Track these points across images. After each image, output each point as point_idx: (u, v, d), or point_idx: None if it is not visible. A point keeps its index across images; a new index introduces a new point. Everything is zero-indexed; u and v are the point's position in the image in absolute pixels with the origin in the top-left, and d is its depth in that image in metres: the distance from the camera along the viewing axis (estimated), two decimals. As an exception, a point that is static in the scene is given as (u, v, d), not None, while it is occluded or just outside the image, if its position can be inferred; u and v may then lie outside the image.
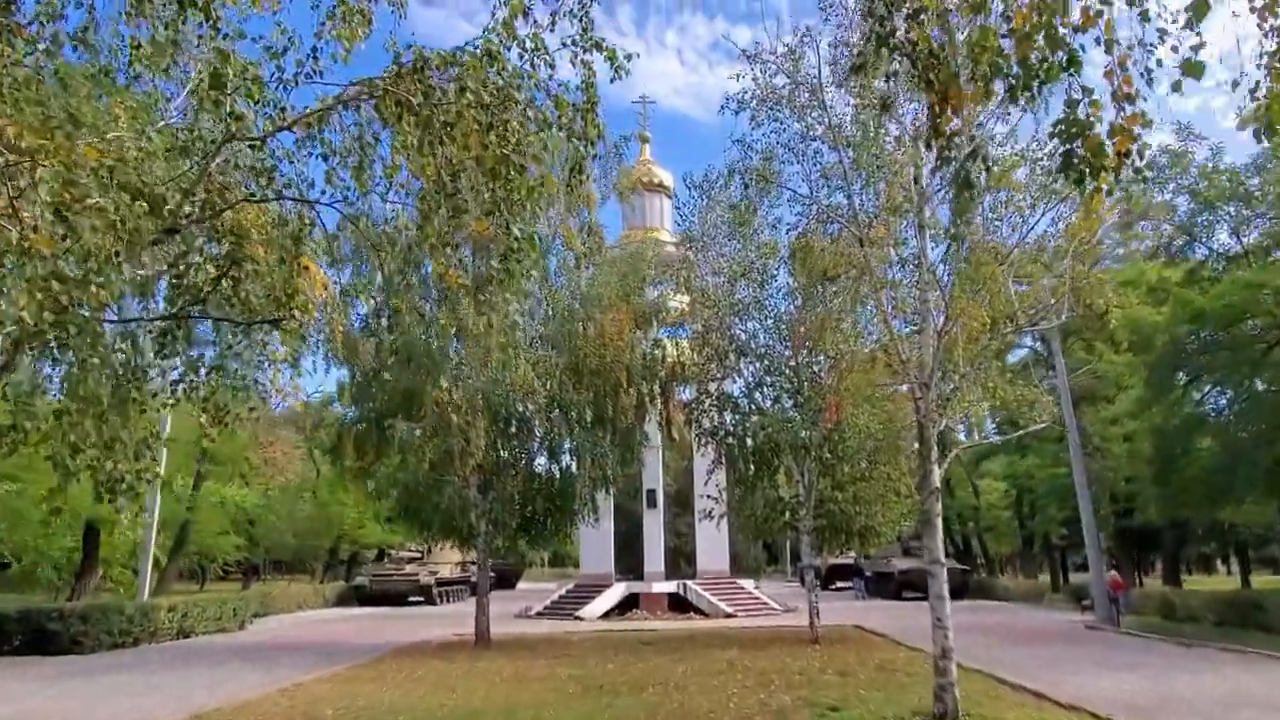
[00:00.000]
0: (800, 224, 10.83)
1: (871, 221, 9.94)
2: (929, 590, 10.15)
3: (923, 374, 9.63)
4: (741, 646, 18.34)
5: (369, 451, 19.96)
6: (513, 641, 19.91)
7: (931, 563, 10.02)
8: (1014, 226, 9.51)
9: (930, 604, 10.06)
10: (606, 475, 19.71)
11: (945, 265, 9.88)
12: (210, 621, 24.03)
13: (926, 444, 9.74)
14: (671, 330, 22.69)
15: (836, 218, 10.47)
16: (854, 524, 18.98)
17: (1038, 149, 9.30)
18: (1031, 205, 9.31)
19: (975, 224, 9.65)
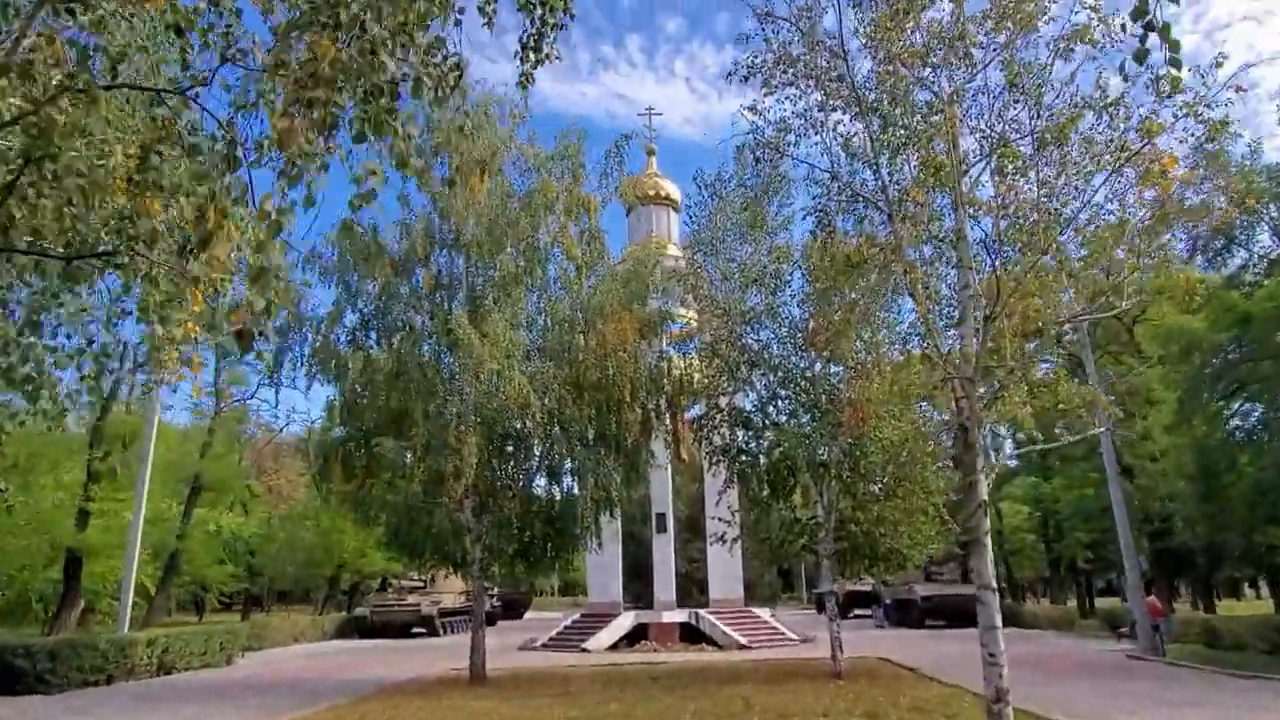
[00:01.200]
0: (820, 203, 9.55)
1: (903, 197, 8.68)
2: (979, 620, 8.76)
3: (967, 367, 8.31)
4: (758, 682, 16.85)
5: (358, 473, 18.70)
6: (510, 677, 18.46)
7: (981, 588, 8.63)
8: (1076, 188, 8.20)
9: (980, 637, 8.67)
10: (610, 497, 18.37)
11: (991, 245, 8.59)
12: (194, 657, 22.68)
13: (972, 450, 8.40)
14: (679, 347, 21.37)
15: (862, 193, 9.22)
16: (878, 547, 17.52)
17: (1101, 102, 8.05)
18: (1094, 162, 8.03)
19: (1027, 190, 8.38)
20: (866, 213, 9.40)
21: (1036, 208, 8.17)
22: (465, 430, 15.79)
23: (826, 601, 17.97)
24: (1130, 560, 21.77)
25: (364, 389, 17.96)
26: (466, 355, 16.03)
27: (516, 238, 18.72)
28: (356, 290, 18.35)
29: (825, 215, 9.62)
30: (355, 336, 18.50)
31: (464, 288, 18.75)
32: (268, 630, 32.52)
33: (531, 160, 19.81)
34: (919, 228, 8.80)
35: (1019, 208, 8.51)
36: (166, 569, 31.52)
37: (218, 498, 36.14)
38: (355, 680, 19.19)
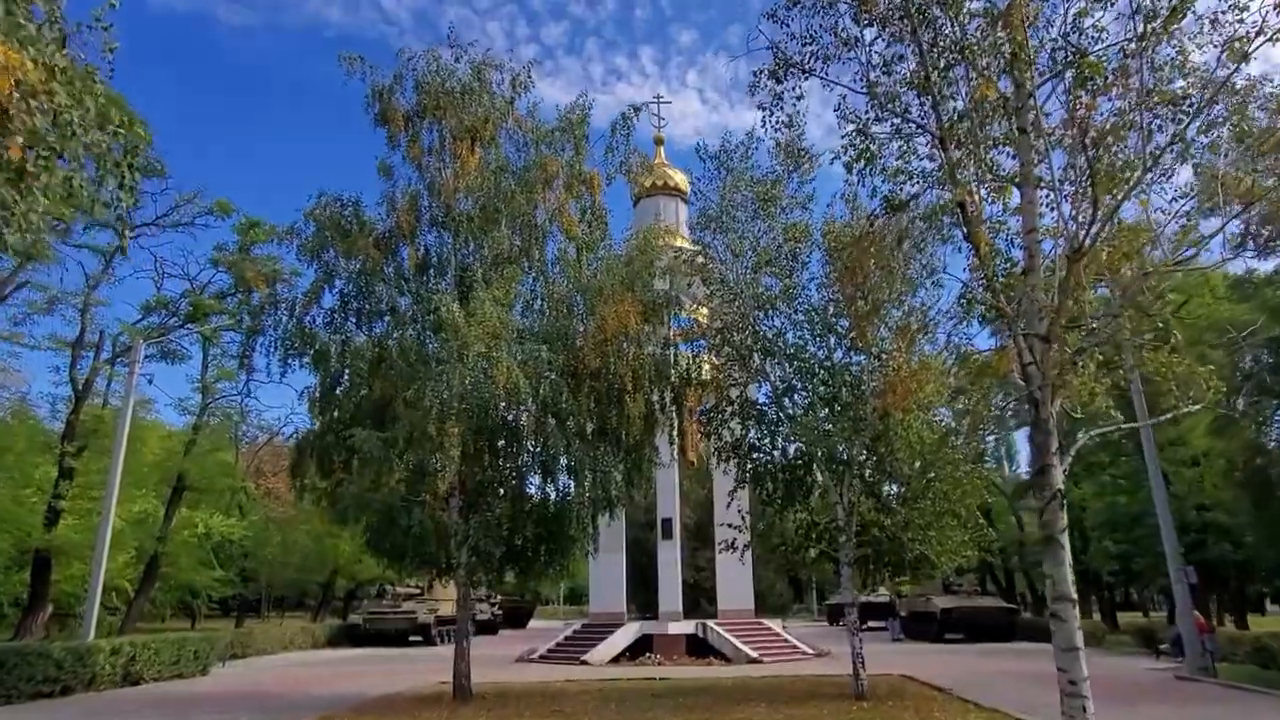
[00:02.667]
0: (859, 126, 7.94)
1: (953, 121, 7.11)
2: (1054, 639, 7.14)
3: (1038, 324, 6.70)
4: (771, 702, 15.18)
5: (334, 468, 17.16)
6: (498, 694, 16.82)
7: (1057, 599, 6.99)
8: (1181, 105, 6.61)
9: (1056, 660, 7.02)
10: (610, 497, 16.70)
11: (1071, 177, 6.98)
12: (164, 666, 21.11)
13: (1043, 429, 6.80)
14: (687, 345, 19.69)
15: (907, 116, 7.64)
16: (904, 554, 15.84)
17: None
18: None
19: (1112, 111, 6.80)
20: (911, 144, 7.82)
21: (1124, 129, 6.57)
22: (448, 419, 14.19)
23: (847, 613, 16.28)
24: (1176, 571, 19.96)
25: (341, 376, 16.44)
26: (451, 335, 14.47)
27: (512, 215, 17.19)
28: (333, 268, 16.81)
29: (863, 139, 7.99)
30: (334, 319, 16.96)
31: (453, 268, 17.21)
32: (255, 638, 30.99)
33: (530, 135, 18.31)
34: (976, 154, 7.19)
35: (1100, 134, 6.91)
36: (146, 572, 29.98)
37: (205, 499, 34.61)
38: (331, 695, 17.60)
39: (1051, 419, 6.92)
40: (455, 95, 16.77)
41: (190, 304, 28.84)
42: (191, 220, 27.77)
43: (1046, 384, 6.83)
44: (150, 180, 25.68)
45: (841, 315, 16.53)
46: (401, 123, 17.09)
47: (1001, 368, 7.21)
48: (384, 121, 17.11)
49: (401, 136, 17.17)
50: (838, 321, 16.65)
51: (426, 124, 17.10)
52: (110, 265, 27.26)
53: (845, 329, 16.70)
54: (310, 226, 16.73)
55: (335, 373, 16.56)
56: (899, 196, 7.88)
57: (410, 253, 16.83)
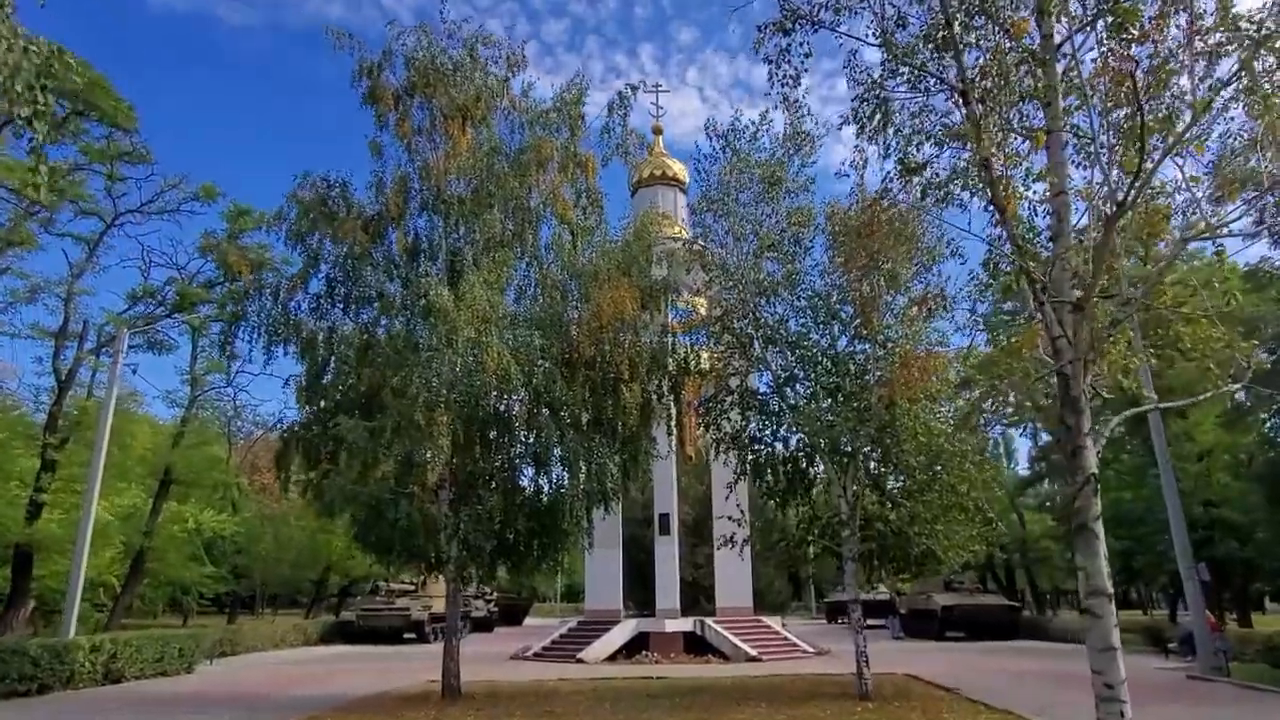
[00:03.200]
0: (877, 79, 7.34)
1: (975, 75, 6.52)
2: (1089, 639, 6.55)
3: (1068, 291, 6.13)
4: (772, 702, 14.61)
5: (321, 460, 16.57)
6: (488, 693, 16.24)
7: (1092, 594, 6.41)
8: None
9: (1091, 662, 6.43)
10: (606, 490, 16.14)
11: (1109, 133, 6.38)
12: (147, 663, 20.52)
13: (1075, 408, 6.22)
14: (686, 337, 19.05)
15: (926, 70, 7.04)
16: (910, 549, 15.26)
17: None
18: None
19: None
20: (928, 103, 7.23)
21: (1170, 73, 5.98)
22: (436, 408, 13.60)
23: (851, 611, 15.70)
24: (1188, 569, 19.40)
25: (328, 364, 15.86)
26: (439, 321, 13.89)
27: (504, 198, 16.60)
28: (319, 252, 16.19)
29: (877, 91, 7.38)
30: (319, 305, 16.36)
31: (444, 253, 16.60)
32: (244, 635, 30.41)
33: (524, 115, 17.72)
34: (999, 111, 6.60)
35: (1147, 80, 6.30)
36: (132, 568, 29.35)
37: (194, 493, 33.99)
38: (318, 694, 17.02)
39: (1083, 397, 6.34)
40: (446, 72, 16.17)
41: (177, 293, 28.23)
42: (177, 207, 27.17)
43: (1078, 358, 6.26)
44: (136, 168, 25.06)
45: (846, 301, 15.95)
46: (391, 101, 16.51)
47: (1028, 344, 6.66)
48: (372, 100, 16.52)
49: (390, 115, 16.58)
50: (841, 308, 16.08)
51: (416, 102, 16.52)
52: (94, 253, 26.69)
53: (849, 315, 16.13)
54: (294, 209, 16.10)
55: (321, 361, 15.97)
56: (915, 159, 7.31)
57: (399, 236, 16.23)
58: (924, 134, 7.32)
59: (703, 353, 17.93)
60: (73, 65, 6.33)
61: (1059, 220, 6.74)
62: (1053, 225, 6.82)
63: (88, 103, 22.66)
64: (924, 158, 7.30)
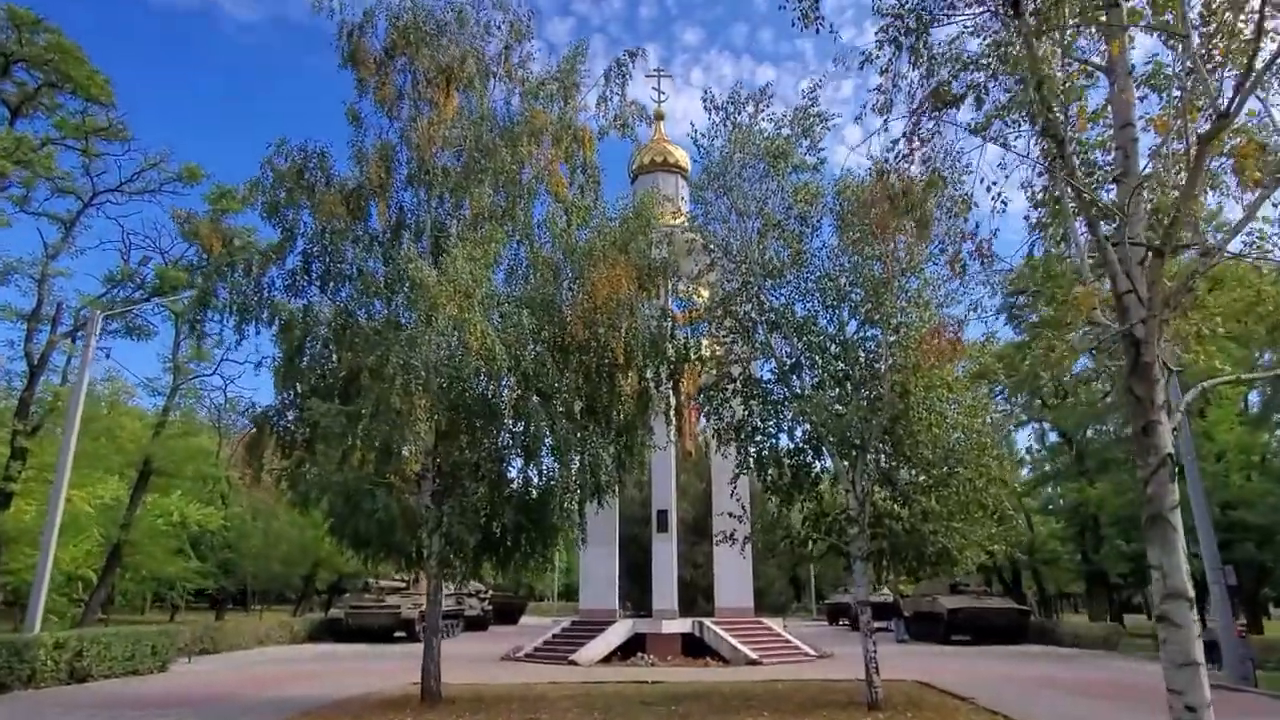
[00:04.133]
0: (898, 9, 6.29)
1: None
2: (1164, 650, 5.55)
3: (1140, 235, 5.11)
4: (775, 710, 13.60)
5: (296, 447, 15.55)
6: (472, 697, 15.22)
7: (1170, 597, 5.39)
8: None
9: (1167, 679, 5.43)
10: (600, 482, 15.11)
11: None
12: (117, 662, 19.52)
13: (1146, 376, 5.22)
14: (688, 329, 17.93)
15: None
16: (925, 547, 14.22)
17: None
18: None
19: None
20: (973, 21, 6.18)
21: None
22: (415, 391, 12.58)
23: (860, 613, 14.68)
24: (1214, 572, 18.36)
25: (304, 346, 14.84)
26: (420, 297, 12.87)
27: (495, 171, 15.58)
28: (294, 226, 15.15)
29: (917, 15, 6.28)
30: (295, 282, 15.32)
31: (429, 228, 15.58)
32: (227, 632, 29.42)
33: (519, 85, 16.72)
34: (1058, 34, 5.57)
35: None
36: (109, 561, 28.32)
37: (178, 485, 32.98)
38: (290, 696, 16.01)
39: (1157, 363, 5.34)
40: (430, 32, 15.14)
41: (157, 276, 27.18)
42: (159, 187, 26.12)
43: (1153, 315, 5.26)
44: (113, 145, 24.00)
45: (856, 284, 14.92)
46: (372, 66, 15.50)
47: (1086, 305, 5.68)
48: (353, 63, 15.50)
49: (372, 80, 15.54)
50: (851, 291, 15.05)
51: (398, 64, 15.47)
52: (71, 233, 25.62)
53: (859, 299, 15.10)
54: (269, 176, 15.06)
55: (296, 342, 14.94)
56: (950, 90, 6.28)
57: (380, 209, 15.20)
58: (960, 62, 6.31)
59: (703, 340, 16.91)
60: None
61: (1125, 157, 5.74)
62: (1117, 162, 5.82)
63: (60, 73, 21.66)
64: (962, 88, 6.30)
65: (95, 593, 28.72)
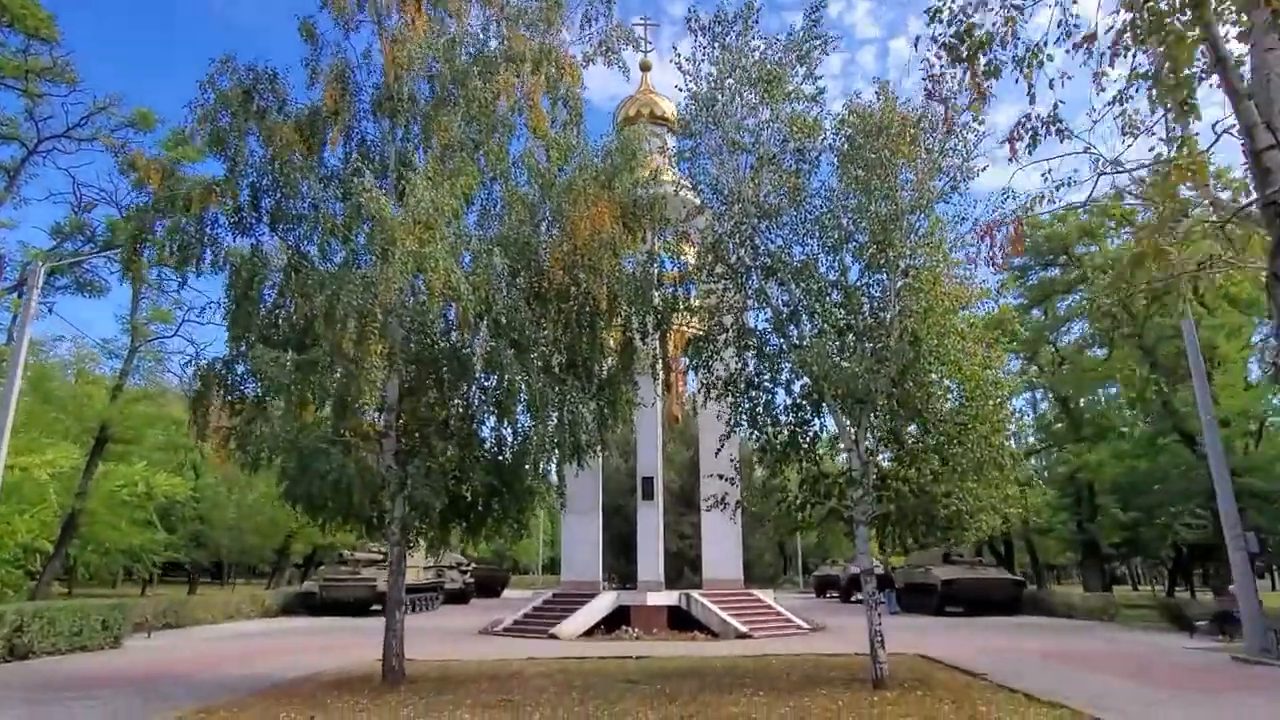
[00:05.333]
0: None
1: None
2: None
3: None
4: (771, 688, 12.41)
5: (245, 403, 14.10)
6: (439, 675, 13.97)
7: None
8: None
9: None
10: (579, 442, 13.79)
11: None
12: (62, 637, 18.18)
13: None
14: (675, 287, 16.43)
15: None
16: (935, 511, 12.99)
17: None
18: None
19: None
20: None
21: None
22: (370, 336, 11.19)
23: (864, 583, 13.46)
24: (1234, 537, 17.30)
25: (249, 288, 13.36)
26: (377, 230, 11.42)
27: (468, 99, 14.06)
28: (239, 155, 13.56)
29: None
30: (242, 219, 13.77)
31: (393, 164, 14.07)
32: (193, 606, 28.08)
33: (498, 9, 15.17)
34: None
35: None
36: (63, 532, 26.83)
37: (144, 454, 31.46)
38: (242, 675, 14.71)
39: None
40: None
41: (109, 227, 25.46)
42: (110, 133, 24.33)
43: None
44: (58, 87, 22.18)
45: (861, 223, 13.53)
46: (334, -27, 13.87)
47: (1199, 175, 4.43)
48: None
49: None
50: (856, 231, 13.68)
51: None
52: (15, 182, 23.84)
53: (864, 241, 13.74)
54: (210, 98, 13.44)
55: (243, 285, 13.45)
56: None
57: (333, 137, 13.65)
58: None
59: (692, 289, 15.53)
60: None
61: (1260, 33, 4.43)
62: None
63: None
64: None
65: (49, 565, 27.26)
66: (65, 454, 25.99)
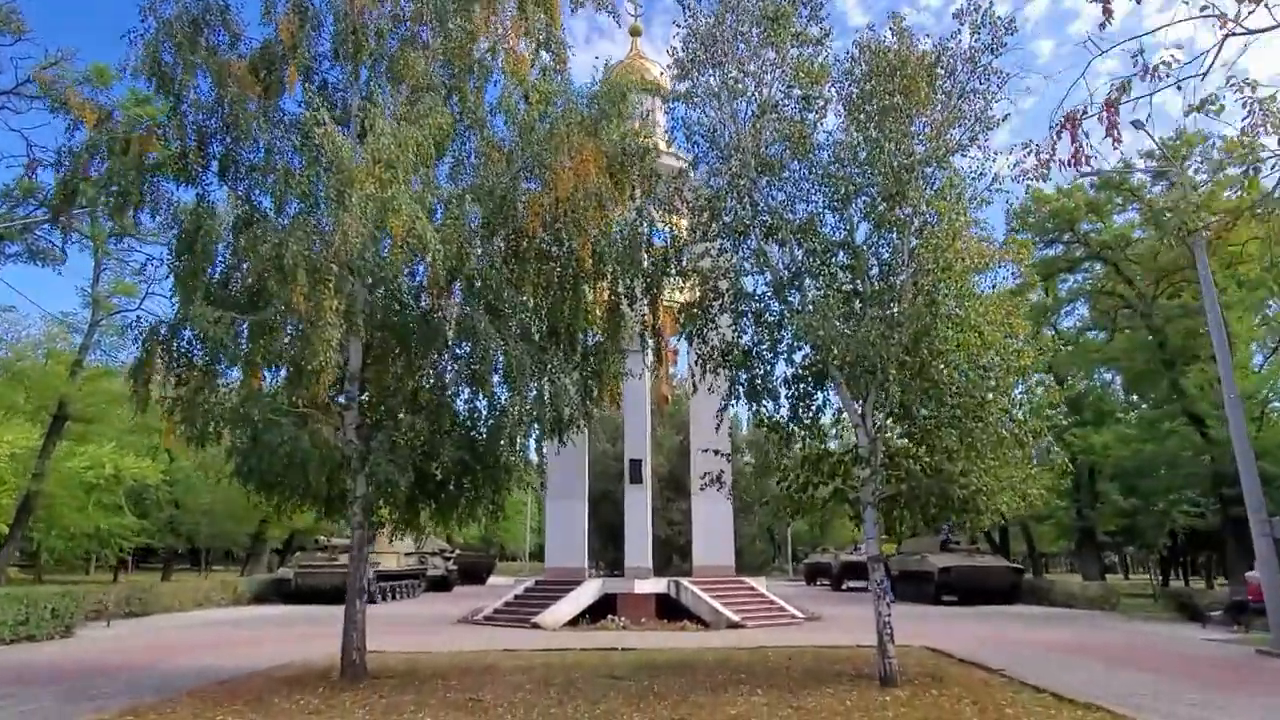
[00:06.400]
0: None
1: None
2: None
3: None
4: (770, 686, 11.26)
5: (194, 370, 12.75)
6: (405, 670, 12.74)
7: None
8: None
9: None
10: (562, 416, 12.57)
11: None
12: (7, 626, 16.99)
13: None
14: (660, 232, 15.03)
15: None
16: (951, 492, 11.81)
17: None
18: None
19: None
20: None
21: None
22: (323, 293, 9.91)
23: (871, 570, 12.28)
24: (1260, 522, 16.22)
25: (194, 241, 12.02)
26: (334, 172, 10.11)
27: (443, 36, 12.72)
28: (183, 91, 12.17)
29: None
30: (188, 165, 12.37)
31: (356, 109, 12.71)
32: (160, 594, 26.83)
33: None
34: None
35: None
36: (18, 514, 25.44)
37: (101, 433, 30.07)
38: (192, 668, 13.47)
39: None
40: None
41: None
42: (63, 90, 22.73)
43: None
44: (3, 37, 20.62)
45: (873, 176, 12.27)
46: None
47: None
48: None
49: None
50: (867, 185, 12.43)
51: None
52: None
53: (874, 197, 12.50)
54: (151, 26, 12.03)
55: (188, 238, 12.10)
56: None
57: (291, 74, 12.26)
58: None
59: (683, 251, 14.27)
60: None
61: None
62: None
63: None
64: None
65: (5, 548, 25.87)
66: (24, 434, 24.63)
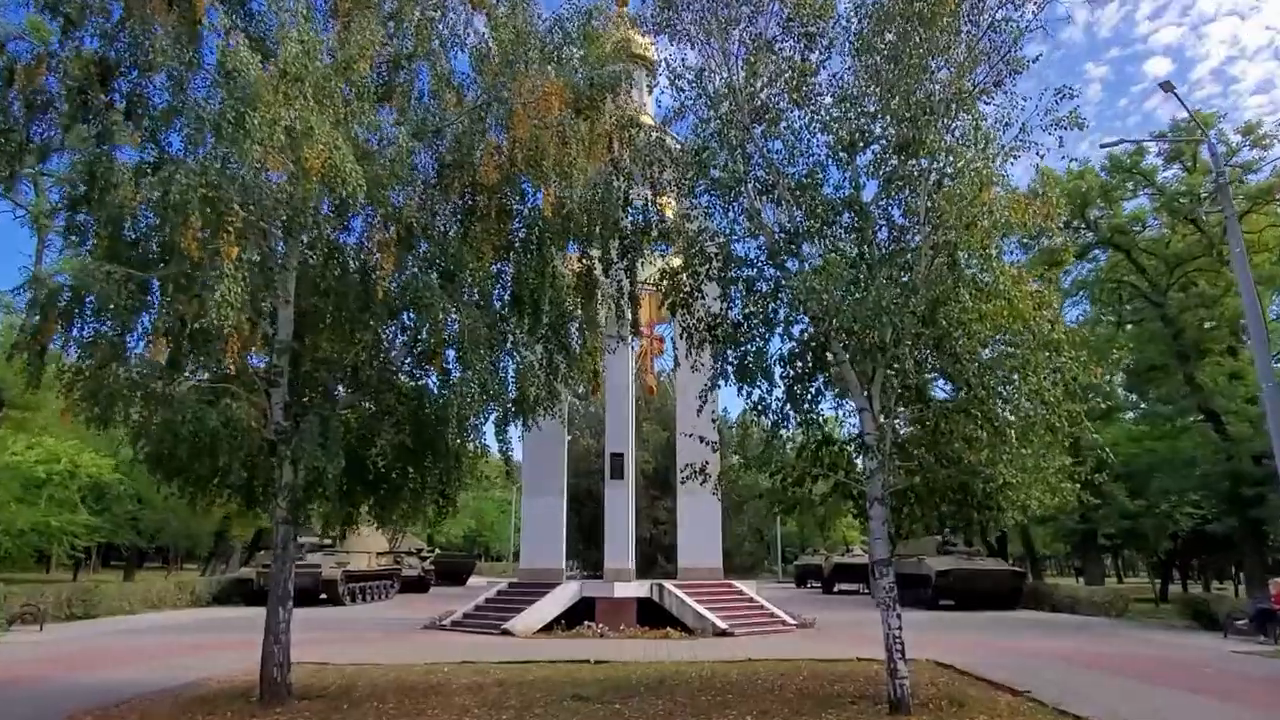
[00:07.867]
0: None
1: None
2: None
3: None
4: (762, 712, 9.56)
5: (100, 343, 10.98)
6: (337, 690, 10.99)
7: None
8: None
9: None
10: (527, 395, 10.89)
11: None
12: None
13: None
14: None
15: None
16: (973, 485, 10.16)
17: None
18: None
19: None
20: None
21: None
22: (222, 233, 8.17)
23: (879, 576, 10.56)
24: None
25: (91, 187, 10.26)
26: (235, 90, 8.37)
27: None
28: (78, 12, 10.42)
29: None
30: (87, 101, 10.62)
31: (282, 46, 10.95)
32: (107, 595, 25.01)
33: None
34: None
35: None
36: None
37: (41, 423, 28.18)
38: (109, 682, 11.70)
39: None
40: None
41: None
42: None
43: None
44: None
45: (887, 123, 10.62)
46: None
47: None
48: None
49: None
50: (882, 134, 10.78)
51: None
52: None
53: (885, 146, 10.86)
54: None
55: (85, 184, 10.34)
56: None
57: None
58: None
59: (667, 210, 12.60)
60: None
61: None
62: None
63: None
64: None
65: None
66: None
